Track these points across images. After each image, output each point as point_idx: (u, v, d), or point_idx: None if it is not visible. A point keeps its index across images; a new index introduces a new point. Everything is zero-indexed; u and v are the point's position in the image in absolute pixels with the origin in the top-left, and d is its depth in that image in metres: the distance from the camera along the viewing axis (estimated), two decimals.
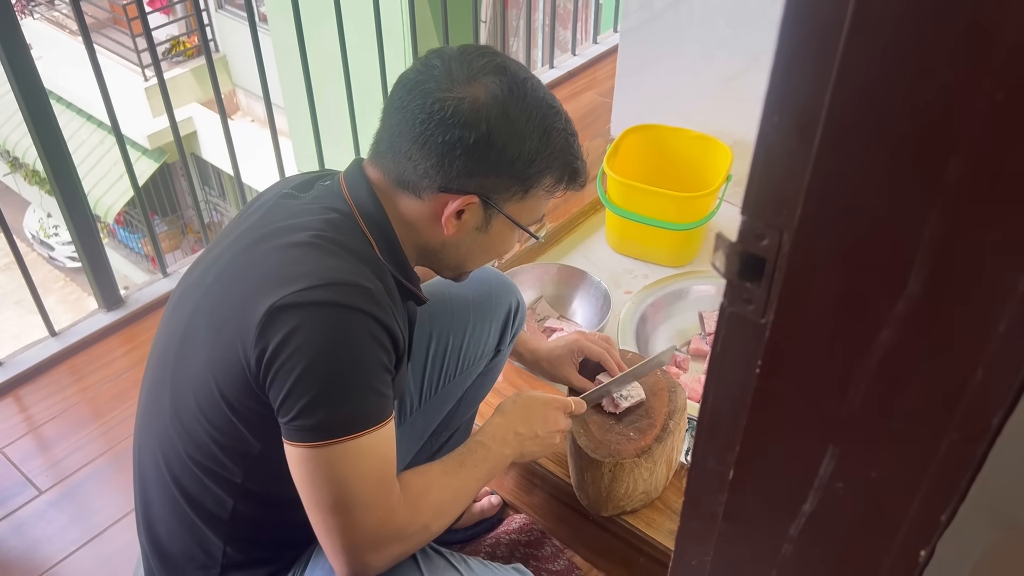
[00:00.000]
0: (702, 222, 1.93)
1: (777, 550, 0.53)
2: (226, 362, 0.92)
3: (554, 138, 1.00)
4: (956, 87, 0.34)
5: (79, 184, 1.91)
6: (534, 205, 1.05)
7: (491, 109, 0.95)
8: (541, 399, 1.19)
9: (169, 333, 1.02)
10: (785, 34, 0.37)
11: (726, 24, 2.07)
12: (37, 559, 1.54)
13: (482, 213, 1.02)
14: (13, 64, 1.68)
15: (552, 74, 3.05)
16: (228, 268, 0.97)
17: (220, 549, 1.02)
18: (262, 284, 0.91)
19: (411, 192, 1.00)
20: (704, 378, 0.57)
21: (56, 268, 8.68)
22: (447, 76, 0.95)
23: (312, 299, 0.88)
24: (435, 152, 0.95)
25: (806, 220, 0.40)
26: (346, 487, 0.90)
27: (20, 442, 1.76)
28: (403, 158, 0.98)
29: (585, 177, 1.07)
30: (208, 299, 0.97)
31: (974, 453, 0.41)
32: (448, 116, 0.94)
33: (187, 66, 7.98)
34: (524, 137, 0.97)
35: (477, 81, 0.95)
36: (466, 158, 0.96)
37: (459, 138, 0.94)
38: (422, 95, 0.95)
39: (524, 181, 1.00)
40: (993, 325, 0.37)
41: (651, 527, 1.43)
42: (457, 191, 0.98)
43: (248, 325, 0.89)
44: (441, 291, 1.31)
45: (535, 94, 0.99)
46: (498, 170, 0.98)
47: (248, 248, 0.97)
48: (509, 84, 0.96)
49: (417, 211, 1.01)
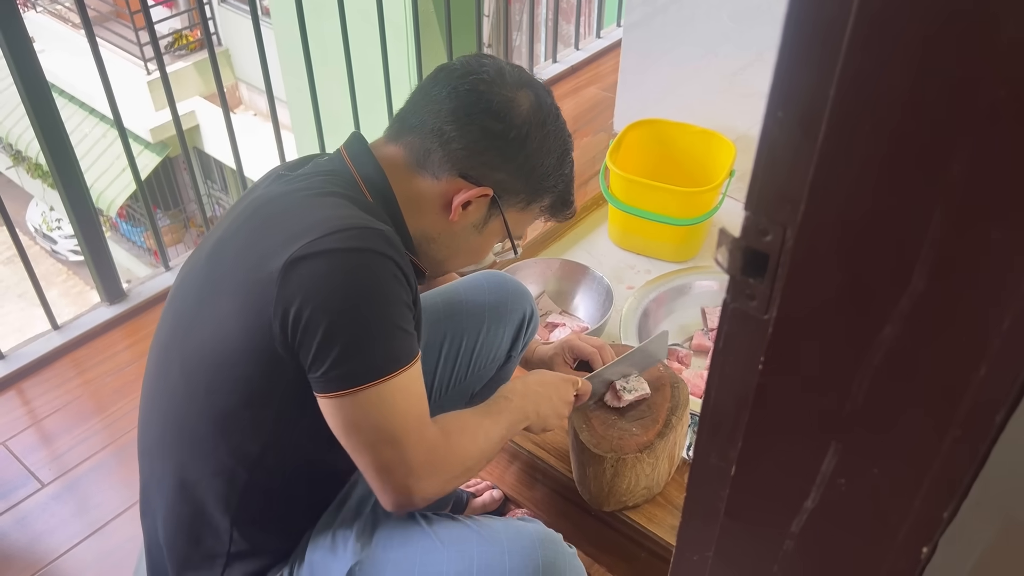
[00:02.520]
0: (705, 217, 1.93)
1: (779, 546, 0.53)
2: (246, 330, 0.92)
3: (567, 164, 1.09)
4: (959, 83, 0.33)
5: (81, 178, 1.91)
6: (526, 220, 1.12)
7: (532, 116, 1.02)
8: (555, 373, 1.25)
9: (176, 315, 1.03)
10: (789, 30, 0.37)
11: (730, 19, 2.06)
12: (39, 552, 1.55)
13: (485, 211, 1.07)
14: (16, 57, 1.68)
15: (555, 68, 3.04)
16: (234, 241, 0.98)
17: (228, 534, 1.02)
18: (274, 243, 0.92)
19: (429, 172, 1.03)
20: (706, 374, 0.57)
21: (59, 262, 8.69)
22: (500, 75, 1.02)
23: (326, 247, 0.89)
24: (471, 136, 1.00)
25: (809, 216, 0.40)
26: (391, 424, 0.92)
27: (23, 435, 1.77)
28: (433, 135, 1.01)
29: (573, 212, 1.16)
30: (218, 272, 0.98)
31: (977, 450, 0.41)
32: (495, 107, 1.00)
33: (190, 60, 7.97)
34: (548, 152, 1.05)
35: (525, 89, 1.03)
36: (497, 151, 1.02)
37: (498, 131, 1.01)
38: (474, 82, 1.01)
39: (532, 192, 1.07)
40: (996, 322, 0.37)
41: (653, 522, 1.43)
42: (476, 180, 1.02)
43: (267, 285, 0.90)
44: (458, 293, 1.34)
45: (562, 122, 1.08)
46: (518, 174, 1.04)
47: (251, 221, 0.98)
48: (550, 103, 1.06)
49: (429, 192, 1.04)
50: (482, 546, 1.00)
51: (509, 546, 0.99)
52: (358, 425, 0.93)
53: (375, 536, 1.04)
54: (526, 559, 0.98)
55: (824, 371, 0.44)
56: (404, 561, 1.00)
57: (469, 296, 1.33)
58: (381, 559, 1.01)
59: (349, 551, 1.01)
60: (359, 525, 1.05)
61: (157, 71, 2.02)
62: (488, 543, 1.00)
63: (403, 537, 1.03)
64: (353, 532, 1.04)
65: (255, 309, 0.91)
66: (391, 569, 1.00)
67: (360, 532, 1.04)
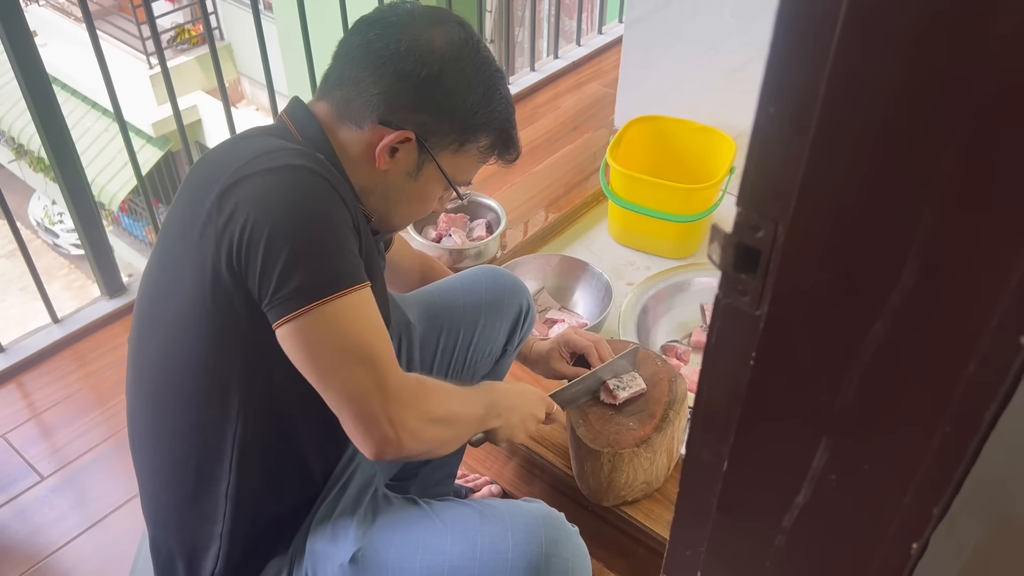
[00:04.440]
0: (705, 214, 1.93)
1: (771, 541, 0.53)
2: (199, 275, 0.91)
3: (496, 100, 1.05)
4: (950, 79, 0.34)
5: (82, 171, 1.91)
6: (466, 163, 1.08)
7: (446, 52, 1.00)
8: (535, 390, 1.22)
9: (140, 302, 1.03)
10: (781, 25, 0.37)
11: (731, 15, 2.06)
12: (39, 544, 1.55)
13: (416, 156, 1.04)
14: (17, 51, 1.68)
15: (557, 64, 3.04)
16: (176, 205, 0.98)
17: (221, 513, 1.01)
18: (209, 181, 0.92)
19: (352, 122, 1.02)
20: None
21: (61, 255, 8.69)
22: (410, 17, 1.01)
23: (257, 168, 0.90)
24: (385, 80, 0.99)
25: (801, 212, 0.40)
26: (358, 342, 0.91)
27: (22, 428, 1.77)
28: (352, 85, 1.01)
29: (518, 150, 1.12)
30: (165, 238, 0.98)
31: (967, 446, 0.41)
32: (404, 50, 0.99)
33: (192, 54, 7.97)
34: (471, 88, 1.02)
35: (438, 27, 1.01)
36: (413, 92, 1.00)
37: (411, 71, 0.99)
38: (383, 27, 1.00)
39: (462, 132, 1.04)
40: (986, 318, 0.37)
41: (650, 518, 1.43)
42: (396, 125, 1.01)
43: (205, 223, 0.90)
44: (454, 288, 1.34)
45: (487, 55, 1.04)
46: (440, 113, 1.02)
47: (190, 183, 0.98)
48: (466, 37, 1.02)
49: (355, 142, 1.03)
50: (485, 525, 1.00)
51: (512, 523, 0.99)
52: (322, 348, 0.90)
53: (376, 521, 1.04)
54: (529, 536, 0.97)
55: (815, 367, 0.45)
56: (407, 543, 1.00)
57: (465, 291, 1.33)
58: (384, 542, 1.01)
59: (351, 538, 1.01)
60: (360, 513, 1.04)
61: (159, 65, 2.02)
62: (491, 522, 1.00)
63: (405, 520, 1.03)
64: (354, 520, 1.03)
65: (201, 250, 0.90)
66: (394, 552, 1.00)
67: (361, 520, 1.04)
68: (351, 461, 1.10)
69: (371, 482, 1.11)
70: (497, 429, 1.11)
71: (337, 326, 0.89)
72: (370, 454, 0.94)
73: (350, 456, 1.10)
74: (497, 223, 2.09)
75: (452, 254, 1.98)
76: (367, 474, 1.11)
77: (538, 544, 0.97)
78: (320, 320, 0.89)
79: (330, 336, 0.90)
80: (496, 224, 2.09)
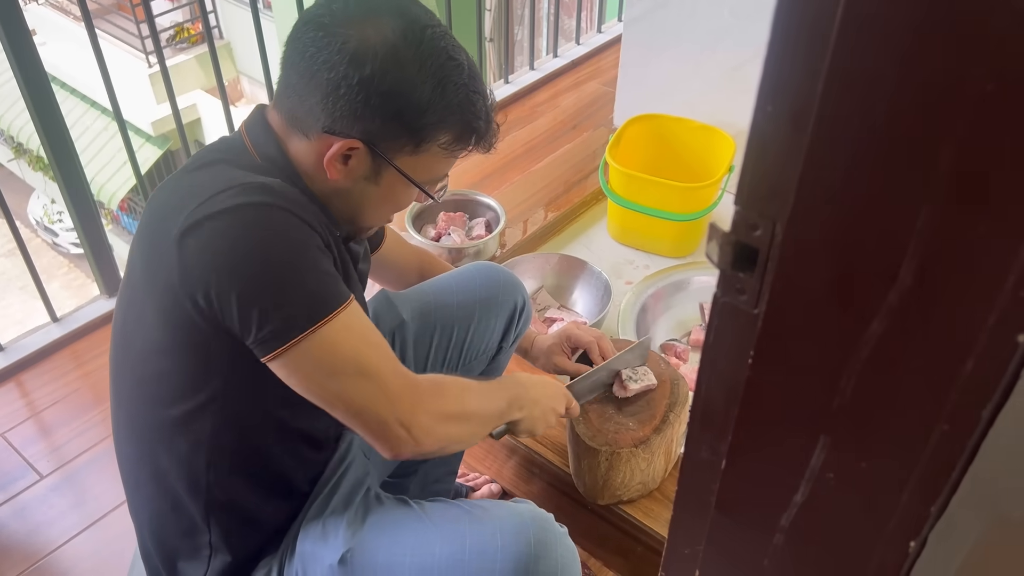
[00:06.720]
0: (704, 213, 1.93)
1: (769, 540, 0.53)
2: (163, 309, 0.90)
3: (451, 91, 0.95)
4: (947, 77, 0.33)
5: (81, 170, 1.91)
6: (430, 161, 1.00)
7: (379, 50, 0.91)
8: (558, 384, 1.23)
9: (117, 314, 1.02)
10: (778, 23, 0.37)
11: (731, 14, 2.06)
12: (38, 543, 1.55)
13: (370, 162, 0.97)
14: (16, 50, 1.68)
15: (556, 63, 3.04)
16: (136, 245, 0.96)
17: (205, 522, 1.02)
18: (167, 217, 0.89)
19: (301, 132, 0.97)
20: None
21: (60, 254, 8.69)
22: (344, 12, 0.92)
23: (213, 209, 0.86)
24: (320, 89, 0.92)
25: (799, 210, 0.40)
26: (350, 359, 0.90)
27: (21, 427, 1.77)
28: (293, 94, 0.95)
29: (490, 139, 1.03)
30: (133, 265, 0.97)
31: (964, 445, 0.41)
32: (335, 52, 0.91)
33: (191, 53, 7.96)
34: (415, 85, 0.93)
35: (372, 20, 0.92)
36: (350, 99, 0.92)
37: (343, 76, 0.91)
38: (315, 28, 0.93)
39: (415, 133, 0.96)
40: (983, 317, 0.37)
41: (649, 517, 1.43)
42: (341, 133, 0.94)
43: (170, 260, 0.88)
44: (449, 285, 1.33)
45: (434, 43, 0.94)
46: (384, 117, 0.93)
47: (145, 222, 0.96)
48: (404, 28, 0.92)
49: (304, 152, 0.98)
50: (474, 525, 1.00)
51: (500, 524, 0.99)
52: (318, 373, 0.90)
53: (366, 522, 1.04)
54: (517, 537, 0.97)
55: (813, 365, 0.45)
56: (396, 544, 1.00)
57: (460, 288, 1.32)
58: (373, 543, 1.01)
59: (340, 538, 1.01)
60: (350, 513, 1.04)
61: (158, 64, 2.01)
62: (480, 523, 1.00)
63: (395, 521, 1.03)
64: (344, 520, 1.03)
65: (167, 287, 0.89)
66: (383, 553, 1.00)
67: (351, 520, 1.03)
68: (343, 460, 1.11)
69: (363, 481, 1.11)
70: (519, 422, 1.13)
71: (329, 349, 0.89)
72: (388, 456, 0.95)
73: (341, 455, 1.11)
74: (496, 222, 2.09)
75: (451, 253, 1.98)
76: (359, 473, 1.11)
77: (527, 545, 0.97)
78: (311, 349, 0.88)
79: (323, 361, 0.89)
80: (495, 223, 2.09)
